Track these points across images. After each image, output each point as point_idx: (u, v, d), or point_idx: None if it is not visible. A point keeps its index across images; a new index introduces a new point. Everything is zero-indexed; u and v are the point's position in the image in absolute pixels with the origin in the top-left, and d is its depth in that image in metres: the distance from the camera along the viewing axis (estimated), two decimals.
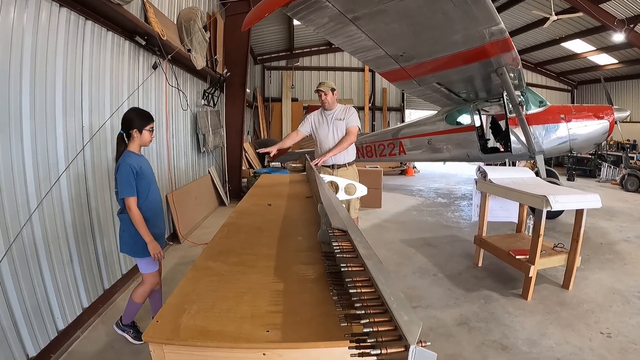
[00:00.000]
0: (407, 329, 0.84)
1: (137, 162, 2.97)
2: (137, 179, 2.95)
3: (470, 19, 4.33)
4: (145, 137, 3.05)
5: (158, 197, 3.26)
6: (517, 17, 12.92)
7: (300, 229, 2.57)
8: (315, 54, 16.87)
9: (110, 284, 4.09)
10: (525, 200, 4.20)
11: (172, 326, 1.34)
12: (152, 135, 3.13)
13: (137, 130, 3.00)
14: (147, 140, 3.09)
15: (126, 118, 3.02)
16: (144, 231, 2.94)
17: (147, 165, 3.14)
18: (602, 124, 7.58)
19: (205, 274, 1.80)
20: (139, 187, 2.97)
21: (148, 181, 3.06)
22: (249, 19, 3.78)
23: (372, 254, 1.32)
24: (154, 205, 3.14)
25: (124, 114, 3.05)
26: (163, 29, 5.12)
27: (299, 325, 1.35)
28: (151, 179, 3.14)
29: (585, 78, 17.26)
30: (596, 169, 13.09)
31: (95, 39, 3.89)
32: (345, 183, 3.70)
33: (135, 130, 2.99)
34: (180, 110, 6.66)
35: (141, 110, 3.10)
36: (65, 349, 3.20)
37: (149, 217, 3.04)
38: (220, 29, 8.29)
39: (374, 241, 6.13)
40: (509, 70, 6.11)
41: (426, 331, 3.48)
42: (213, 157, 8.97)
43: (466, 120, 8.55)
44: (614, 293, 4.19)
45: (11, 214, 2.76)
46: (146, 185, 3.04)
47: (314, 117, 4.73)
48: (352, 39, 4.71)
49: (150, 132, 3.07)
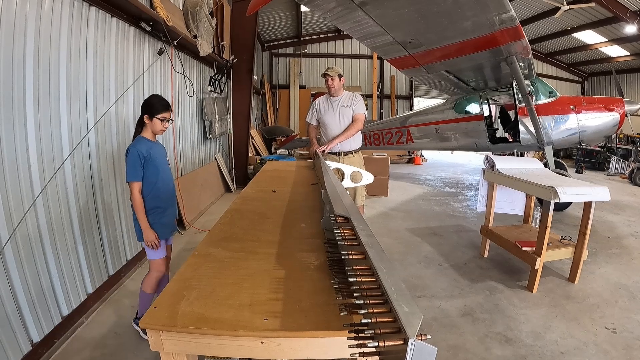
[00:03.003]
0: (407, 321, 0.80)
1: (146, 148, 2.94)
2: (145, 164, 2.93)
3: (480, 6, 4.26)
4: (156, 125, 2.99)
5: (169, 186, 3.21)
6: (528, 6, 12.72)
7: (304, 216, 2.54)
8: (324, 41, 16.74)
9: (115, 270, 4.11)
10: (533, 191, 4.15)
11: (170, 313, 1.33)
12: (165, 125, 3.04)
13: (147, 117, 2.97)
14: (158, 129, 3.02)
15: (144, 103, 3.02)
16: (141, 216, 2.93)
17: (159, 153, 3.11)
18: (612, 116, 7.49)
19: (205, 260, 1.78)
20: (146, 173, 2.95)
21: (157, 168, 3.02)
22: (254, 4, 3.75)
23: (374, 242, 1.30)
24: (163, 193, 3.09)
25: (146, 99, 3.05)
26: (168, 15, 5.08)
27: (298, 314, 1.33)
28: (162, 167, 3.10)
29: (596, 70, 16.99)
30: (605, 162, 12.95)
31: (99, 25, 3.85)
32: (351, 170, 3.67)
33: (146, 116, 2.97)
34: (186, 96, 6.63)
35: (159, 98, 3.05)
36: (70, 335, 3.22)
37: (158, 205, 3.03)
38: (227, 15, 8.22)
39: (380, 229, 6.12)
40: (519, 60, 6.03)
41: (429, 321, 3.47)
42: (219, 143, 8.95)
43: (475, 110, 8.47)
44: (620, 288, 4.15)
45: (15, 200, 2.76)
46: (154, 171, 3.00)
47: (319, 104, 4.69)
48: (360, 24, 4.66)
49: (161, 121, 3.00)
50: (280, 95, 16.39)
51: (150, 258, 3.12)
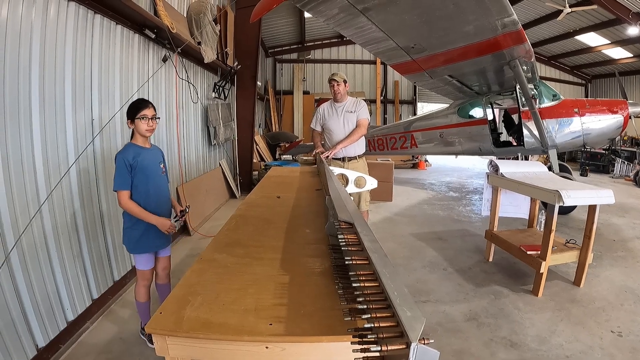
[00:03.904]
0: (409, 326, 0.81)
1: (133, 155, 2.84)
2: (133, 172, 2.84)
3: (483, 10, 4.27)
4: (140, 126, 2.86)
5: (163, 194, 3.13)
6: (530, 9, 12.71)
7: (309, 222, 2.54)
8: (327, 47, 16.80)
9: (120, 276, 4.13)
10: (537, 194, 4.14)
11: (175, 318, 1.34)
12: (149, 124, 2.89)
13: (129, 121, 2.89)
14: (143, 129, 2.88)
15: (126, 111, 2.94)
16: (144, 215, 2.87)
17: (150, 159, 3.00)
18: (616, 118, 7.46)
19: (210, 265, 1.79)
20: (135, 181, 2.86)
21: (146, 176, 2.91)
22: (258, 10, 3.77)
23: (377, 247, 1.30)
24: (155, 201, 3.00)
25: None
26: (173, 22, 5.12)
27: (302, 319, 1.34)
28: (153, 174, 2.99)
29: (599, 72, 16.94)
30: (610, 164, 12.89)
31: (104, 32, 3.90)
32: (356, 176, 3.68)
33: (128, 121, 2.89)
34: (190, 103, 6.66)
35: (137, 100, 2.94)
36: (75, 340, 3.24)
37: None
38: (230, 22, 8.28)
39: (384, 234, 6.12)
40: (522, 63, 6.04)
41: (434, 326, 3.46)
42: (224, 149, 8.99)
43: (478, 114, 8.46)
44: (625, 291, 4.13)
45: (21, 206, 2.78)
46: (143, 179, 2.90)
47: (324, 110, 4.72)
48: (363, 30, 4.68)
49: (143, 120, 2.86)
50: (284, 101, 16.43)
51: (138, 268, 3.10)
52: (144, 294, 3.15)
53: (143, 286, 3.14)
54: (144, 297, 3.16)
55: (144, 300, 3.17)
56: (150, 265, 3.13)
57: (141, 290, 3.14)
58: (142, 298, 3.16)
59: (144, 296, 3.16)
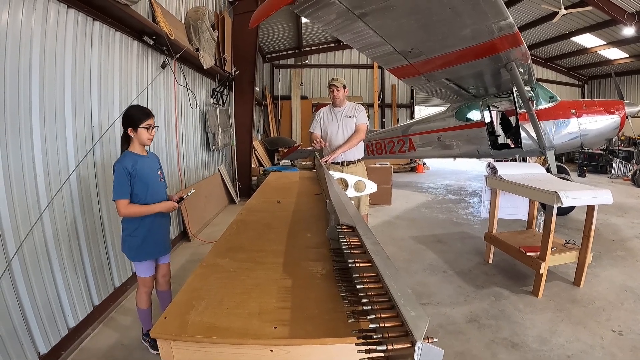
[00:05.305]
0: (414, 325, 0.83)
1: (132, 163, 2.82)
2: (132, 181, 2.82)
3: (479, 14, 4.30)
4: (142, 135, 2.86)
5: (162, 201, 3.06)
6: (526, 12, 12.76)
7: (309, 226, 2.56)
8: (324, 52, 16.81)
9: (121, 282, 4.13)
10: (535, 196, 4.16)
11: (180, 322, 1.35)
12: (152, 133, 2.91)
13: (132, 129, 2.85)
14: (145, 138, 2.88)
15: (124, 116, 2.88)
16: (149, 209, 2.88)
17: (148, 166, 2.98)
18: (613, 119, 7.50)
19: (213, 270, 1.80)
20: (135, 190, 2.85)
21: (145, 184, 2.90)
22: (256, 17, 3.79)
23: (379, 249, 1.32)
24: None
25: (124, 112, 2.92)
26: (171, 29, 5.14)
27: (306, 322, 1.35)
28: (152, 181, 2.97)
29: (595, 73, 17.02)
30: (607, 164, 12.94)
31: (103, 39, 3.92)
32: (355, 180, 3.70)
33: (130, 129, 2.85)
34: (189, 109, 6.68)
35: (139, 107, 2.94)
36: (76, 346, 3.24)
37: (149, 221, 2.95)
38: (228, 28, 8.31)
39: (384, 238, 6.12)
40: (519, 66, 6.07)
41: (435, 328, 3.47)
42: (223, 155, 9.00)
43: (476, 116, 8.49)
44: (625, 290, 4.14)
45: (22, 213, 2.79)
46: (143, 187, 2.88)
47: (323, 114, 4.74)
48: (360, 35, 4.71)
49: (147, 130, 2.87)
50: (282, 106, 16.44)
51: (139, 275, 3.09)
52: (145, 300, 3.15)
53: (144, 293, 3.13)
54: (145, 304, 3.16)
55: (145, 307, 3.16)
56: (151, 272, 3.12)
57: (142, 297, 3.14)
58: (143, 305, 3.15)
59: (146, 303, 3.16)
